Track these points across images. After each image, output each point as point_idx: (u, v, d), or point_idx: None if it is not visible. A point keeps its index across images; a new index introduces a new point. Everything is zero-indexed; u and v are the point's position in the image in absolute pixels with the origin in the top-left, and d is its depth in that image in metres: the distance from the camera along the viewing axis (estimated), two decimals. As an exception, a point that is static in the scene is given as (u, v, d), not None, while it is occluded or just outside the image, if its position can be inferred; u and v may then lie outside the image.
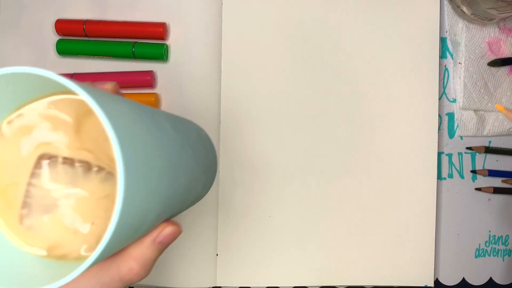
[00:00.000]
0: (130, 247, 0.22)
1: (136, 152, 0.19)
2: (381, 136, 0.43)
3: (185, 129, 0.28)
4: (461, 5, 0.42)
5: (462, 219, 0.45)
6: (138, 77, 0.44)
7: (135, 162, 0.18)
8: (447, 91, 0.45)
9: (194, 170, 0.27)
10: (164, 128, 0.23)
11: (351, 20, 0.43)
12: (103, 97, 0.18)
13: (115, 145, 0.17)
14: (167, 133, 0.23)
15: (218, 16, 0.44)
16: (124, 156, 0.17)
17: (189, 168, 0.26)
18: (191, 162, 0.26)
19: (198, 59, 0.44)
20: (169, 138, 0.23)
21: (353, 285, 0.43)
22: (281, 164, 0.43)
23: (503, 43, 0.44)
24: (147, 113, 0.22)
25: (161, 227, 0.23)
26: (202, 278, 0.44)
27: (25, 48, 0.45)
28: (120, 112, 0.19)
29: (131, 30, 0.44)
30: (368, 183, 0.43)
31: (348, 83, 0.43)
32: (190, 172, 0.26)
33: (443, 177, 0.45)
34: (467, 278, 0.45)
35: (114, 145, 0.17)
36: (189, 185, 0.26)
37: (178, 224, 0.24)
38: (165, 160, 0.22)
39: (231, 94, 0.43)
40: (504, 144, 0.46)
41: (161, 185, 0.21)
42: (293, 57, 0.43)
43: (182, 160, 0.24)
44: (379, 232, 0.43)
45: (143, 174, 0.19)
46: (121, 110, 0.19)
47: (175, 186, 0.23)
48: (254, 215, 0.43)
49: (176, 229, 0.24)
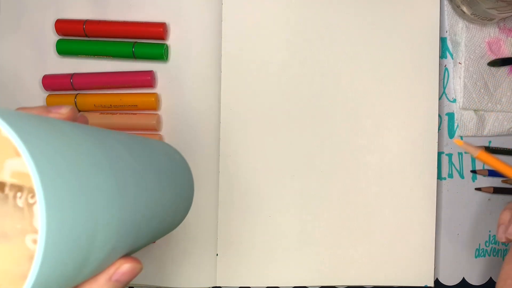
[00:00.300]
0: (83, 285, 0.20)
1: (62, 175, 0.16)
2: (381, 136, 0.43)
3: (149, 153, 0.25)
4: (461, 5, 0.42)
5: (462, 219, 0.45)
6: (138, 77, 0.44)
7: (61, 184, 0.16)
8: (447, 91, 0.45)
9: (160, 197, 0.25)
10: (115, 151, 0.21)
11: (351, 20, 0.43)
12: (15, 116, 0.17)
13: (29, 164, 0.15)
14: (118, 157, 0.21)
15: (218, 16, 0.44)
16: (41, 174, 0.15)
17: (152, 195, 0.23)
18: (156, 188, 0.24)
19: (198, 59, 0.44)
20: (121, 163, 0.21)
21: (353, 285, 0.43)
22: (281, 164, 0.43)
23: (503, 43, 0.44)
24: (91, 136, 0.20)
25: (118, 263, 0.21)
26: (202, 278, 0.44)
27: (25, 48, 0.45)
28: (41, 132, 0.17)
29: (131, 30, 0.44)
30: (368, 183, 0.43)
31: (348, 83, 0.43)
32: (153, 199, 0.24)
33: (443, 177, 0.45)
34: (467, 278, 0.45)
35: (28, 164, 0.15)
36: (153, 213, 0.24)
37: (138, 260, 0.22)
38: (113, 186, 0.19)
39: (231, 94, 0.43)
40: (504, 144, 0.46)
41: (108, 215, 0.19)
42: (293, 57, 0.43)
43: (140, 186, 0.22)
44: (379, 232, 0.43)
45: (74, 202, 0.16)
46: (44, 129, 0.17)
47: (132, 216, 0.21)
48: (254, 215, 0.43)
49: (135, 266, 0.22)
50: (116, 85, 0.44)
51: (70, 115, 0.23)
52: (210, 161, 0.44)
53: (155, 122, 0.43)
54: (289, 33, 0.43)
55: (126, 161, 0.22)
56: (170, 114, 0.44)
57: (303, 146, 0.43)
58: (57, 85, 0.44)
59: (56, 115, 0.23)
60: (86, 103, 0.44)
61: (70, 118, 0.24)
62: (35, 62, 0.45)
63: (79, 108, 0.44)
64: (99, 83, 0.44)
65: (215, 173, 0.44)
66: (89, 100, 0.44)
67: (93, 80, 0.44)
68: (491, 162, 0.30)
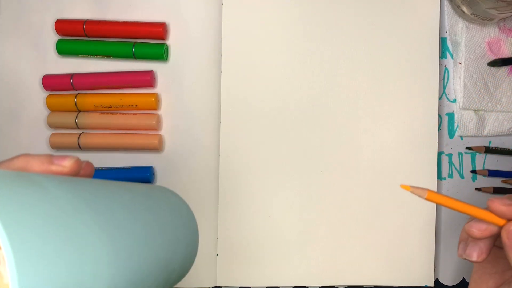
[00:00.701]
0: None
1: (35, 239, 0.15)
2: (381, 136, 0.43)
3: (149, 208, 0.24)
4: (461, 5, 0.42)
5: (462, 219, 0.45)
6: (138, 77, 0.44)
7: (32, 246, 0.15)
8: (447, 91, 0.45)
9: (160, 252, 0.24)
10: (108, 209, 0.21)
11: (351, 20, 0.43)
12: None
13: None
14: (111, 215, 0.20)
15: (218, 16, 0.44)
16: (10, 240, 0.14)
17: (149, 249, 0.23)
18: (155, 244, 0.23)
19: (198, 59, 0.44)
20: (114, 221, 0.20)
21: (353, 285, 0.43)
22: (281, 164, 0.43)
23: (503, 43, 0.44)
24: (79, 194, 0.20)
25: None
26: (202, 278, 0.44)
27: (25, 48, 0.45)
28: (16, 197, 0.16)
29: (131, 30, 0.44)
30: (368, 183, 0.43)
31: (348, 83, 0.43)
32: (152, 255, 0.23)
33: (443, 177, 0.45)
34: (467, 278, 0.45)
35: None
36: (153, 270, 0.23)
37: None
38: (103, 247, 0.19)
39: (231, 94, 0.43)
40: (504, 144, 0.46)
41: (94, 275, 0.18)
42: (293, 57, 0.43)
43: (137, 244, 0.21)
44: (379, 232, 0.43)
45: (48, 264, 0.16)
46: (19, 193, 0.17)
47: (127, 274, 0.20)
48: (254, 215, 0.43)
49: None
50: (116, 85, 0.44)
51: (73, 168, 0.23)
52: (210, 161, 0.44)
53: (155, 122, 0.43)
54: (289, 33, 0.43)
55: (120, 219, 0.21)
56: (170, 114, 0.45)
57: (303, 146, 0.43)
58: (57, 85, 0.44)
59: (58, 168, 0.23)
60: (86, 103, 0.44)
61: (74, 170, 0.23)
62: (35, 62, 0.45)
63: (79, 108, 0.44)
64: (99, 83, 0.44)
65: (215, 173, 0.44)
66: (89, 100, 0.44)
67: (93, 80, 0.44)
68: (441, 201, 0.29)
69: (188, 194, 0.44)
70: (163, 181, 0.44)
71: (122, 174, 0.44)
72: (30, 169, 0.22)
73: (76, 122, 0.44)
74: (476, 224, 0.29)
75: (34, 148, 0.45)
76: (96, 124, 0.44)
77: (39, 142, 0.45)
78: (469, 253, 0.30)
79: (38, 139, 0.45)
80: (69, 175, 0.23)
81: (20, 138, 0.45)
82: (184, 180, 0.44)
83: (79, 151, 0.45)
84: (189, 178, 0.44)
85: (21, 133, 0.45)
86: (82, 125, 0.44)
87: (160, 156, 0.45)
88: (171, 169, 0.44)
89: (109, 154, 0.45)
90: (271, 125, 0.43)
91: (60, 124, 0.44)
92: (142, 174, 0.44)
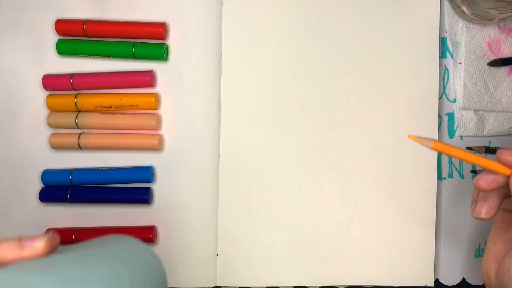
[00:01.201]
0: None
1: None
2: (381, 136, 0.43)
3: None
4: (461, 5, 0.42)
5: (462, 219, 0.45)
6: (138, 77, 0.44)
7: None
8: (447, 91, 0.45)
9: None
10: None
11: (351, 20, 0.43)
12: None
13: None
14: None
15: (218, 16, 0.44)
16: None
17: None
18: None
19: (198, 59, 0.44)
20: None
21: (353, 285, 0.43)
22: (281, 164, 0.43)
23: (503, 43, 0.44)
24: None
25: None
26: (202, 278, 0.44)
27: (25, 48, 0.45)
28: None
29: (131, 30, 0.44)
30: (368, 183, 0.43)
31: (348, 83, 0.43)
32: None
33: (443, 177, 0.45)
34: (467, 278, 0.45)
35: None
36: None
37: None
38: None
39: (231, 94, 0.43)
40: (504, 144, 0.46)
41: None
42: (293, 57, 0.43)
43: None
44: (379, 232, 0.43)
45: None
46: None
47: None
48: (254, 215, 0.43)
49: None
50: (116, 85, 0.44)
51: (45, 249, 0.22)
52: (210, 161, 0.44)
53: (155, 122, 0.43)
54: (289, 33, 0.43)
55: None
56: (170, 114, 0.45)
57: (303, 146, 0.43)
58: (57, 85, 0.44)
59: (27, 252, 0.22)
60: (86, 103, 0.44)
61: (46, 251, 0.22)
62: (35, 62, 0.45)
63: (79, 108, 0.44)
64: (99, 83, 0.44)
65: (215, 173, 0.44)
66: (89, 100, 0.44)
67: (93, 80, 0.44)
68: (448, 151, 0.30)
69: (188, 194, 0.44)
70: (163, 181, 0.44)
71: (122, 174, 0.44)
72: (1, 257, 0.22)
73: (76, 122, 0.44)
74: (483, 176, 0.30)
75: (34, 148, 0.45)
76: (96, 124, 0.44)
77: (39, 142, 0.45)
78: (478, 210, 0.31)
79: (38, 139, 0.45)
80: (43, 256, 0.22)
81: (20, 138, 0.45)
82: (184, 180, 0.44)
83: (79, 151, 0.45)
84: (189, 178, 0.44)
85: (21, 133, 0.45)
86: (82, 125, 0.44)
87: (160, 156, 0.45)
88: (171, 169, 0.44)
89: (109, 154, 0.45)
90: (271, 125, 0.43)
91: (60, 124, 0.44)
92: (142, 174, 0.44)
